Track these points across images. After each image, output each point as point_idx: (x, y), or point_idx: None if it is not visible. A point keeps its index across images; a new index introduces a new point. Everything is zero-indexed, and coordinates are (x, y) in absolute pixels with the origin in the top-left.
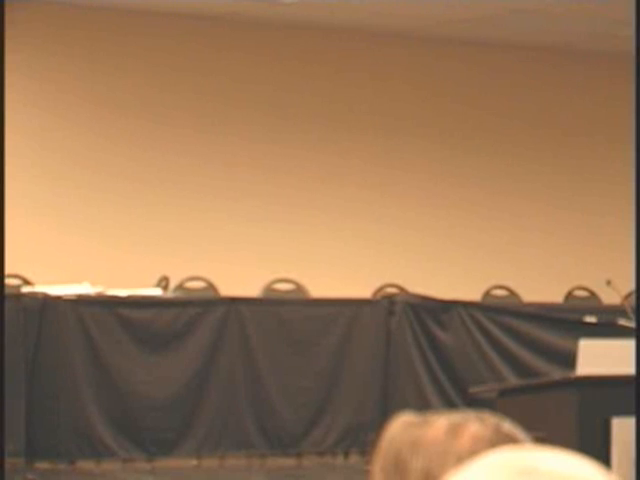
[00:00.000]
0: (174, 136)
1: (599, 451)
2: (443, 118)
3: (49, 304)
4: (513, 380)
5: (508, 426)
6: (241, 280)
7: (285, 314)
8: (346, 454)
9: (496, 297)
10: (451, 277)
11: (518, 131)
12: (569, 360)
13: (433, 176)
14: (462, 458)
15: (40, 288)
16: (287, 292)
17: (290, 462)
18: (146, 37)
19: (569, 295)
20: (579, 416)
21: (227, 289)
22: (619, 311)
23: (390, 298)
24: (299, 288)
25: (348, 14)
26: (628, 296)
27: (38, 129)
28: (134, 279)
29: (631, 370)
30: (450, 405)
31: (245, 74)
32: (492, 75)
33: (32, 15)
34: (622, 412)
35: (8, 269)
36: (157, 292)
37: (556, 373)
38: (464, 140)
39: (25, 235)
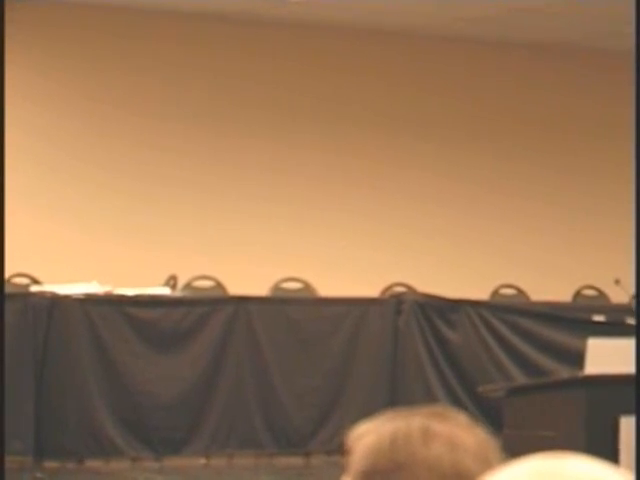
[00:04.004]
0: (183, 136)
1: (607, 450)
2: (452, 119)
3: (57, 303)
4: (521, 379)
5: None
6: (249, 279)
7: (293, 313)
8: None
9: (504, 296)
10: (459, 276)
11: (528, 132)
12: (577, 359)
13: (442, 177)
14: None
15: (48, 287)
16: (295, 291)
17: (298, 461)
18: (149, 35)
19: (577, 294)
20: (587, 415)
21: (235, 288)
22: (627, 310)
23: (398, 297)
24: (307, 287)
25: (353, 12)
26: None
27: (46, 128)
28: (142, 278)
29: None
30: (458, 404)
31: (253, 74)
32: (496, 74)
33: (34, 13)
34: (630, 411)
35: (17, 268)
36: (165, 291)
37: (564, 372)
38: (473, 141)
39: (34, 234)
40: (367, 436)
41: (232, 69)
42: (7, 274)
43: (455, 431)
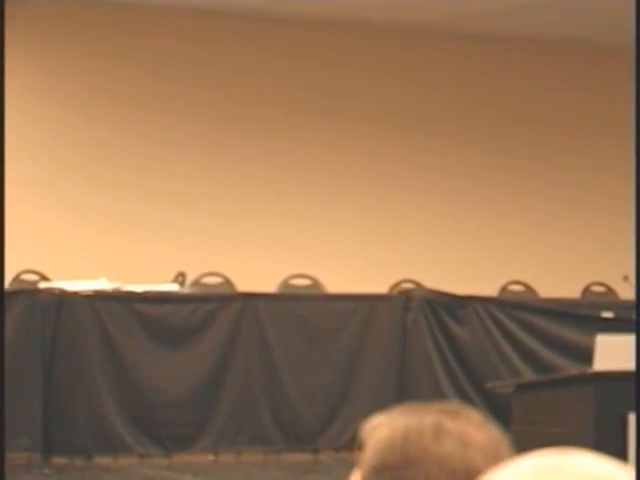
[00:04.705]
0: (192, 132)
1: (615, 446)
2: (460, 115)
3: (66, 300)
4: (529, 375)
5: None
6: (257, 276)
7: (301, 310)
8: None
9: (513, 292)
10: (467, 273)
11: (537, 129)
12: (586, 355)
13: (450, 174)
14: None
15: (57, 284)
16: (303, 288)
17: (306, 458)
18: (150, 30)
19: (586, 290)
20: (595, 411)
21: (243, 285)
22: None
23: (406, 293)
24: (315, 284)
25: (355, 8)
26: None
27: (56, 124)
28: (151, 275)
29: None
30: (466, 400)
31: (261, 70)
32: (499, 70)
33: (34, 8)
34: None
35: (25, 265)
36: (174, 288)
37: (573, 368)
38: (482, 138)
39: (42, 231)
40: (380, 430)
41: (239, 65)
42: (15, 271)
43: (467, 429)
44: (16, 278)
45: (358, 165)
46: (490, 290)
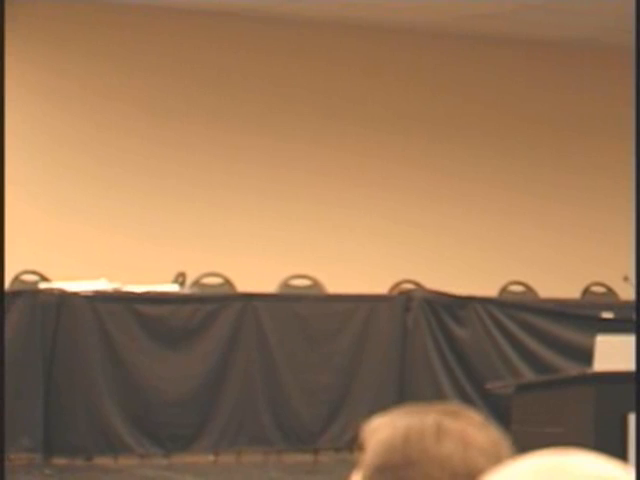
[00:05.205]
0: (191, 132)
1: (615, 447)
2: (457, 116)
3: (66, 300)
4: (530, 376)
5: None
6: (257, 276)
7: (301, 310)
8: None
9: (513, 293)
10: (468, 273)
11: (536, 130)
12: (586, 356)
13: (450, 175)
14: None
15: (57, 284)
16: (303, 288)
17: (307, 458)
18: (150, 31)
19: (586, 291)
20: (595, 412)
21: (243, 285)
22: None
23: (407, 294)
24: (315, 284)
25: (356, 9)
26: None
27: (55, 125)
28: (151, 275)
29: None
30: (467, 401)
31: (257, 70)
32: (502, 71)
33: (34, 9)
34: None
35: (25, 265)
36: (174, 288)
37: (573, 369)
38: (480, 139)
39: (42, 232)
40: (381, 431)
41: (240, 65)
42: (16, 271)
43: (468, 429)
44: (16, 279)
45: (358, 166)
46: (490, 290)
